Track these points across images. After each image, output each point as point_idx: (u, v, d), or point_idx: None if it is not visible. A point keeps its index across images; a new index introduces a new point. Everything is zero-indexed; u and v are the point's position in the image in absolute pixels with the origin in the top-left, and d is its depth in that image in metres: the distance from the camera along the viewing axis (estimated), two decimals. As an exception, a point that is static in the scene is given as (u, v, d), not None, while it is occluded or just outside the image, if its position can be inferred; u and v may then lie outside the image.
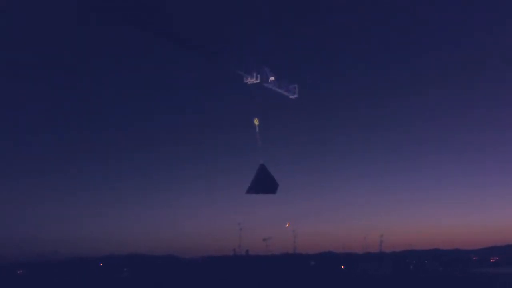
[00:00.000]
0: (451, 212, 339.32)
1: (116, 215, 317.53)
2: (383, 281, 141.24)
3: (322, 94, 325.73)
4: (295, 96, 76.48)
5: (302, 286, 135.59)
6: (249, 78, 67.33)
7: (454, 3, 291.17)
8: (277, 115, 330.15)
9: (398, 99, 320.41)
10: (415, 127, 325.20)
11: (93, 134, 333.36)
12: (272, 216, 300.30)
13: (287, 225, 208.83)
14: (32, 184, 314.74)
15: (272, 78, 71.83)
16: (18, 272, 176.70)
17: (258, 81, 67.27)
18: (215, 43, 61.46)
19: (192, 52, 59.21)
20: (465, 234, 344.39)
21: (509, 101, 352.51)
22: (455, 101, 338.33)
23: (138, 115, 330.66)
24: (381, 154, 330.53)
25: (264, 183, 66.73)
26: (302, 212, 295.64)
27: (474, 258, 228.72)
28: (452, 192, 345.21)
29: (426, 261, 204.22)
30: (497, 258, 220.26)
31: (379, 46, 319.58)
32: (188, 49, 58.52)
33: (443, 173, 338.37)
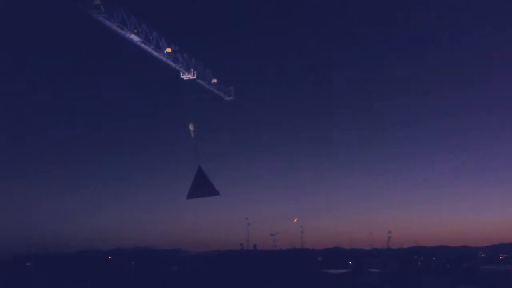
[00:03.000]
0: (459, 209, 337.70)
1: (124, 209, 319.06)
2: (389, 277, 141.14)
3: (327, 90, 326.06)
4: (231, 98, 78.89)
5: (309, 281, 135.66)
6: (185, 74, 69.32)
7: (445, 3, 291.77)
8: (282, 115, 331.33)
9: (407, 95, 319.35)
10: (424, 124, 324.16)
11: (100, 129, 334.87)
12: (280, 211, 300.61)
13: (295, 220, 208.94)
14: (41, 179, 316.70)
15: (214, 80, 74.28)
16: (27, 264, 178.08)
17: (194, 77, 69.37)
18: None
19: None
20: (473, 231, 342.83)
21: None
22: (463, 98, 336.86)
23: (140, 110, 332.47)
24: (389, 150, 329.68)
25: (204, 187, 66.68)
26: (309, 208, 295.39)
27: (482, 255, 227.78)
28: (460, 189, 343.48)
29: (434, 258, 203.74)
30: (506, 255, 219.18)
31: (394, 41, 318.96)
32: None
33: (452, 169, 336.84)
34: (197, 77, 70.74)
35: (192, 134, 69.88)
